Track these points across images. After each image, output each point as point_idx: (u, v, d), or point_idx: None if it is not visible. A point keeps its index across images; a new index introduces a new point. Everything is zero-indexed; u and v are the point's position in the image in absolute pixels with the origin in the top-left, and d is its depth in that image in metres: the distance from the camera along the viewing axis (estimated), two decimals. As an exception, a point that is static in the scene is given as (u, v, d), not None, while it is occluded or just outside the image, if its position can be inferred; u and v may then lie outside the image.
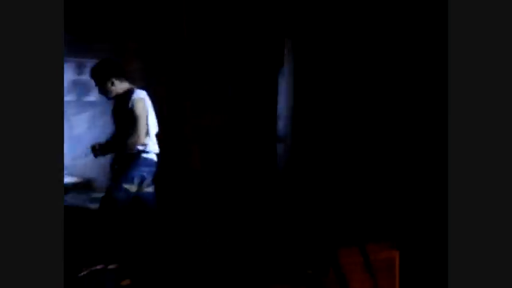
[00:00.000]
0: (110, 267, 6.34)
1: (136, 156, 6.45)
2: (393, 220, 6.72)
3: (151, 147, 6.51)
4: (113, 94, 6.50)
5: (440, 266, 6.52)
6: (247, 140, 7.18)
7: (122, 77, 6.49)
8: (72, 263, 6.22)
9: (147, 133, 6.44)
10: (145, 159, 6.45)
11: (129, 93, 6.43)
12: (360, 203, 6.64)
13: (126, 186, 6.38)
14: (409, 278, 6.58)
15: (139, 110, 6.32)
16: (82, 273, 6.21)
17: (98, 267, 6.31)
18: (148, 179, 6.54)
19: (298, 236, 6.35)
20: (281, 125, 7.07)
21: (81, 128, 8.20)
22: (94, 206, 7.27)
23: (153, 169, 6.54)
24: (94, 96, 7.85)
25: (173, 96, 7.18)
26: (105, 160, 6.77)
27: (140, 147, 6.42)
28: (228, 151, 7.15)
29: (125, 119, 6.37)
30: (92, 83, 6.52)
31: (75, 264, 6.23)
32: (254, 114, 7.06)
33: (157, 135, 6.48)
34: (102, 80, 6.45)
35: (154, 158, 6.53)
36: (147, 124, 6.40)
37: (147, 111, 6.41)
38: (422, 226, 6.69)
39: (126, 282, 6.23)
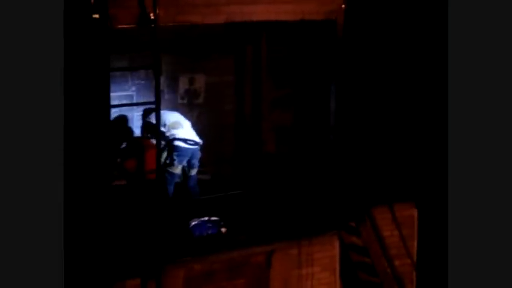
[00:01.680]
0: (213, 218, 8.83)
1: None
2: (414, 187, 9.16)
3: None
4: None
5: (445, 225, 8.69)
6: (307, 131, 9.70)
7: None
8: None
9: None
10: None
11: None
12: (390, 173, 9.12)
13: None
14: (424, 229, 9.14)
15: None
16: (192, 223, 8.63)
17: (205, 218, 8.74)
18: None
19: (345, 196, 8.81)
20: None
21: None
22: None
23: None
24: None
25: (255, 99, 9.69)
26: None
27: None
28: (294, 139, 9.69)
29: None
30: None
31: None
32: (313, 112, 9.61)
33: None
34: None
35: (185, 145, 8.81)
36: None
37: None
38: (436, 194, 9.11)
39: (224, 230, 8.72)
